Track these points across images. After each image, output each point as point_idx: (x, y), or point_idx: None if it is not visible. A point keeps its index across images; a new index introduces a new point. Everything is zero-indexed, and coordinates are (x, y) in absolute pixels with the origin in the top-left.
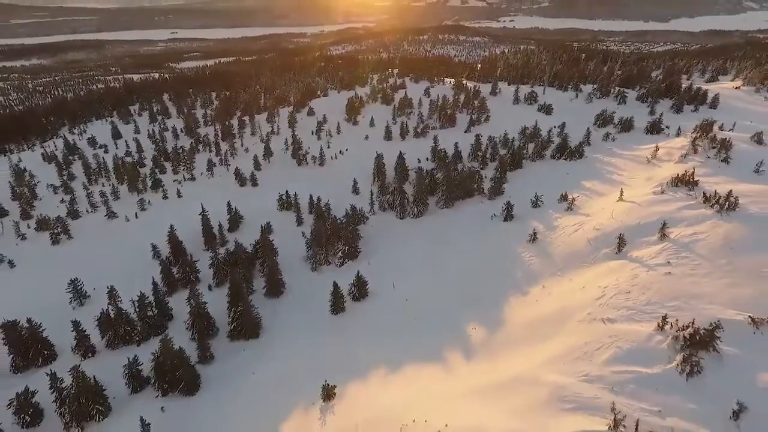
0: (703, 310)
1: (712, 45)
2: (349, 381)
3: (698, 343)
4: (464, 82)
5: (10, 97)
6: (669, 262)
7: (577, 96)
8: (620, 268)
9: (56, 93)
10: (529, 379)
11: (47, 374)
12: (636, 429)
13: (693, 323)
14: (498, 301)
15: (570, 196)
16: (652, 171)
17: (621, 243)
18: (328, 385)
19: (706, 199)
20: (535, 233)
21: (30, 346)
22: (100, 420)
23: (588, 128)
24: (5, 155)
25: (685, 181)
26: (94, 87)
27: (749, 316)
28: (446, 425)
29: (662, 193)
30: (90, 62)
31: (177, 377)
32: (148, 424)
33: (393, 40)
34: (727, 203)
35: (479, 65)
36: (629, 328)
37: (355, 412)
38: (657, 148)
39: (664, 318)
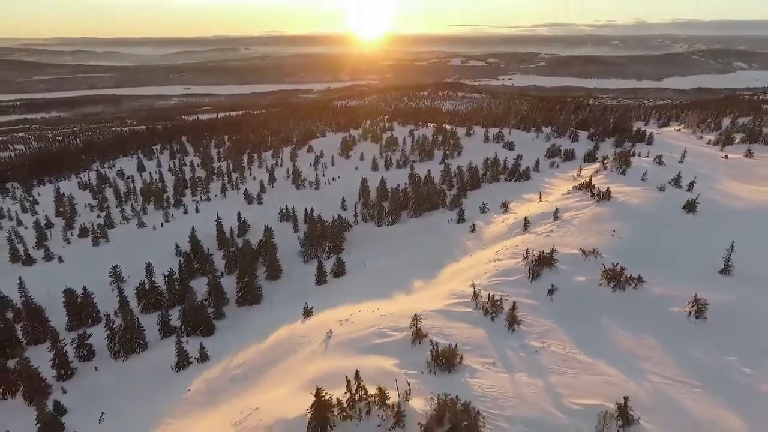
0: (559, 250)
1: (695, 100)
2: (323, 310)
3: (542, 262)
4: (445, 125)
5: (32, 146)
6: (552, 230)
7: (537, 136)
8: (521, 237)
9: (75, 142)
10: (440, 291)
11: (104, 315)
12: (488, 299)
13: (543, 252)
14: (438, 267)
15: (508, 203)
16: (573, 184)
17: (527, 224)
18: (307, 305)
19: (593, 195)
20: (474, 226)
21: (82, 310)
22: (140, 352)
23: (538, 158)
24: (46, 184)
25: (585, 186)
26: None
27: (581, 249)
28: (378, 308)
29: (568, 194)
30: (107, 114)
31: (198, 320)
32: (182, 333)
33: (395, 96)
34: (604, 196)
35: (463, 113)
36: (508, 261)
37: (324, 317)
38: (580, 169)
39: (527, 251)
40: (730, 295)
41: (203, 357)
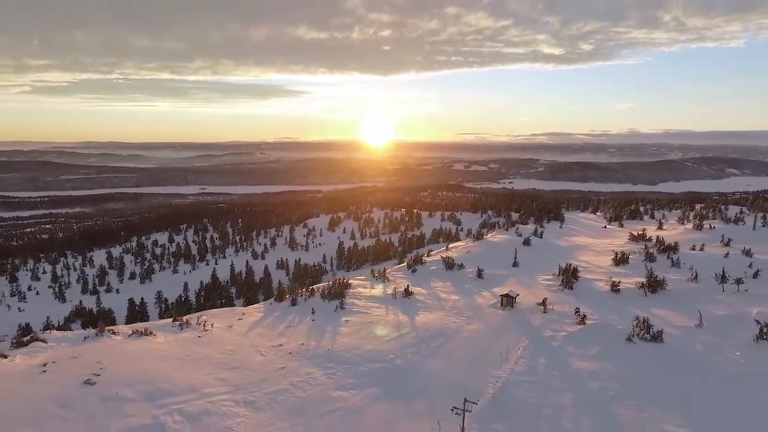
0: (431, 259)
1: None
2: None
3: (416, 261)
4: (414, 210)
5: (58, 236)
6: (440, 254)
7: (482, 216)
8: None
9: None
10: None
11: (158, 308)
12: (379, 273)
13: (417, 256)
14: None
15: (432, 251)
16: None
17: (429, 254)
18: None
19: (475, 239)
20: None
21: (138, 312)
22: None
23: (471, 228)
24: (95, 251)
25: (477, 237)
26: None
27: (441, 257)
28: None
29: (465, 241)
30: (127, 210)
31: None
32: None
33: (397, 196)
34: (479, 237)
35: (429, 202)
36: (403, 266)
37: None
38: (491, 232)
39: (411, 257)
40: (505, 272)
41: None
